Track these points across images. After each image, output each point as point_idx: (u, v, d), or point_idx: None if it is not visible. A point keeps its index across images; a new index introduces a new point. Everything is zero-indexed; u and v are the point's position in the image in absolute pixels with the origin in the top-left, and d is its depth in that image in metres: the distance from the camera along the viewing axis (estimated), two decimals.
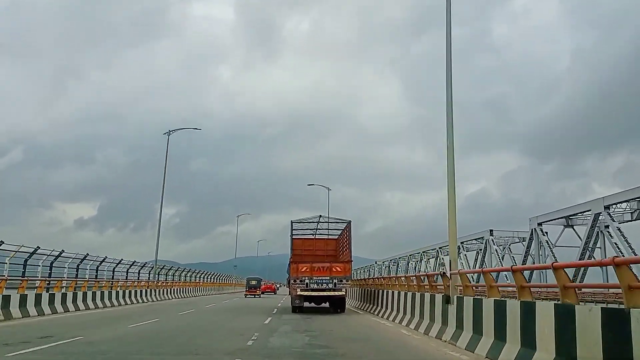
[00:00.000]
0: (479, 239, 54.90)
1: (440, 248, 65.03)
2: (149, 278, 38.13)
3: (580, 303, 7.17)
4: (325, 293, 22.40)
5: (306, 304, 23.67)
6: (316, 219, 25.62)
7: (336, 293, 22.33)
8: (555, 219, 40.63)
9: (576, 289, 7.60)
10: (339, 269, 22.42)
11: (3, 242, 20.32)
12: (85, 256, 28.27)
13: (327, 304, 25.07)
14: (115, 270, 32.66)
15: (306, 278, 22.14)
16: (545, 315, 7.49)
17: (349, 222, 24.64)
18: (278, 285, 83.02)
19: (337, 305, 23.46)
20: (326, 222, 26.07)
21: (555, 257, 39.72)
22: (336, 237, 28.97)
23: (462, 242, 59.70)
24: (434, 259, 65.50)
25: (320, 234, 28.73)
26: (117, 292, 28.52)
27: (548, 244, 41.43)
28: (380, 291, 22.21)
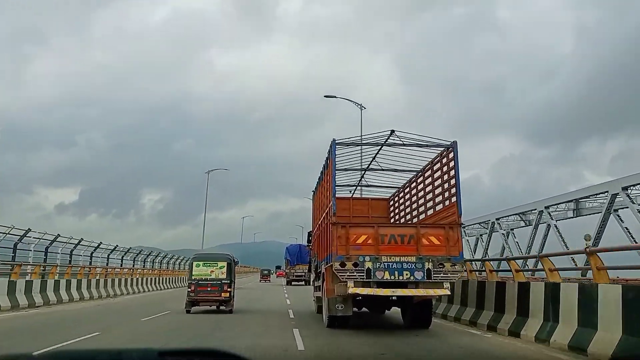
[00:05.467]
0: (522, 213, 45.56)
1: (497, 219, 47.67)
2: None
3: None
4: (409, 292, 10.75)
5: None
6: (382, 138, 12.07)
7: (432, 292, 10.79)
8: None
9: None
10: (437, 241, 10.83)
11: None
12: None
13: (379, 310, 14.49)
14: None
15: (368, 258, 10.79)
16: None
17: (453, 144, 11.79)
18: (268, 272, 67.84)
19: (418, 315, 12.15)
20: (403, 143, 12.10)
21: None
22: (389, 195, 17.93)
23: (497, 218, 50.47)
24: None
25: (372, 188, 17.30)
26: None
27: None
28: (511, 285, 11.29)
